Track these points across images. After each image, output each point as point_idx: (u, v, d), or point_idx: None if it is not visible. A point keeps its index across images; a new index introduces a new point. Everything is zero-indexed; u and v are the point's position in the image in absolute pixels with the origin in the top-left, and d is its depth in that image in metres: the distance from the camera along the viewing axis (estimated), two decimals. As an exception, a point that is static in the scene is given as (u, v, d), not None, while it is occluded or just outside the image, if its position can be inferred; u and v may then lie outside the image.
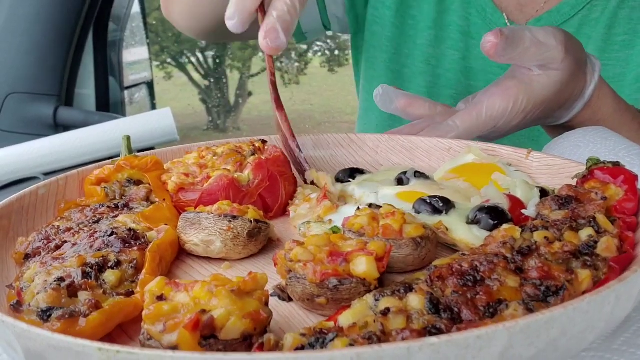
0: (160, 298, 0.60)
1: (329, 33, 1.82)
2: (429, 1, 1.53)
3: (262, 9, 0.99)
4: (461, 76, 1.53)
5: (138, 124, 1.51)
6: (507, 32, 1.04)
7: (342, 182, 1.02)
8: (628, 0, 1.39)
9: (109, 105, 2.43)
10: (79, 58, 2.19)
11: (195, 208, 0.90)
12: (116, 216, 0.88)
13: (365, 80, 1.73)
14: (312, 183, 1.02)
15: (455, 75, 1.53)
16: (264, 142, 1.07)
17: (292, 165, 1.04)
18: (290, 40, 1.02)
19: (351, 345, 0.53)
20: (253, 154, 1.02)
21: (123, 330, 0.67)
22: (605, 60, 1.39)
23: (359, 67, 1.76)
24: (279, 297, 0.72)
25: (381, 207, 0.82)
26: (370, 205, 0.84)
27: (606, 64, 1.38)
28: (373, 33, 1.62)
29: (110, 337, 0.65)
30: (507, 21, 1.45)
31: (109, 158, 1.05)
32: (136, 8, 3.01)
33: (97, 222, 0.87)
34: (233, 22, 0.97)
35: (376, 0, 1.58)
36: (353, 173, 1.04)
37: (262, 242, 0.85)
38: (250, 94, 6.99)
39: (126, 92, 2.68)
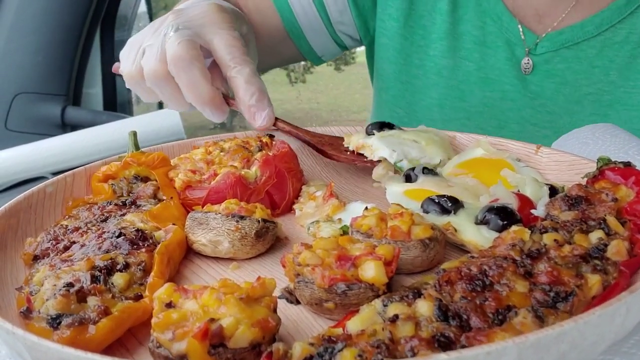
0: (169, 305, 0.60)
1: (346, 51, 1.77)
2: (442, 11, 1.46)
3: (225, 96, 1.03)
4: (475, 87, 1.47)
5: (145, 124, 1.51)
6: None
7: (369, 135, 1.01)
8: None
9: (116, 104, 2.43)
10: (86, 58, 2.19)
11: (203, 206, 0.90)
12: (124, 214, 0.88)
13: (376, 91, 1.69)
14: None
15: (469, 86, 1.47)
16: (271, 136, 1.06)
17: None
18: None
19: (360, 356, 0.53)
20: (260, 150, 1.01)
21: (132, 334, 0.68)
22: (629, 88, 1.34)
23: (373, 79, 1.72)
24: (287, 300, 0.73)
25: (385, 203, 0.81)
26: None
27: (629, 92, 1.34)
28: (381, 45, 1.58)
29: (119, 341, 0.66)
30: (521, 31, 1.39)
31: (116, 158, 1.05)
32: (143, 8, 2.99)
33: (105, 220, 0.87)
34: (213, 117, 1.02)
35: (382, 12, 1.53)
36: (382, 127, 1.03)
37: (269, 241, 0.85)
38: (257, 92, 6.98)
39: (133, 92, 2.66)
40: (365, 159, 0.97)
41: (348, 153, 1.01)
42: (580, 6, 1.36)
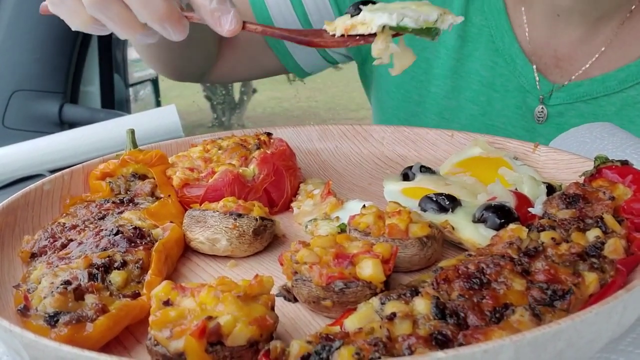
0: (167, 303, 0.60)
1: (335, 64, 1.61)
2: (447, 46, 1.32)
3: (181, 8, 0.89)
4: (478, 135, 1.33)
5: (143, 121, 1.51)
6: None
7: (353, 15, 0.88)
8: None
9: (114, 102, 2.41)
10: (83, 55, 2.18)
11: (201, 204, 0.89)
12: (121, 212, 0.88)
13: (376, 119, 1.55)
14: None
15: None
16: (269, 134, 1.07)
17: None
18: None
19: (357, 354, 0.53)
20: (258, 148, 1.01)
21: (130, 332, 0.68)
22: None
23: (370, 97, 1.57)
24: (285, 298, 0.73)
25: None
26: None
27: None
28: (380, 75, 1.43)
29: (117, 339, 0.66)
30: (536, 75, 1.26)
31: (114, 156, 1.04)
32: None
33: (103, 218, 0.87)
34: (173, 35, 0.87)
35: None
36: (365, 4, 0.89)
37: (267, 239, 0.85)
38: (254, 90, 6.87)
39: (131, 89, 2.65)
40: (358, 38, 0.87)
41: (336, 37, 0.88)
42: (605, 59, 1.23)
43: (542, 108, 1.25)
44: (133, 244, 0.78)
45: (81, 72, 2.19)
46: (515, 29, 1.28)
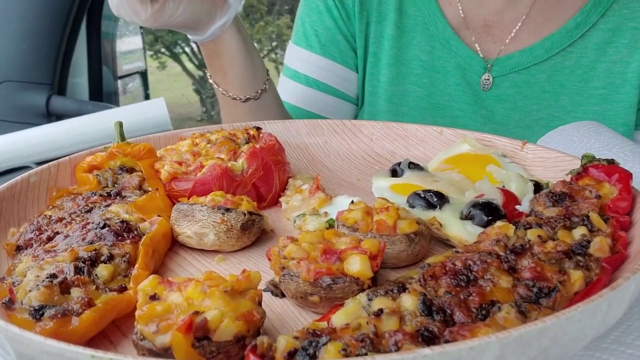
0: (153, 297, 0.60)
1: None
2: (388, 37, 1.46)
3: None
4: (426, 114, 1.45)
5: (131, 114, 1.50)
6: None
7: None
8: (609, 53, 1.31)
9: (102, 94, 2.40)
10: (72, 47, 2.16)
11: (189, 198, 0.89)
12: (109, 205, 0.87)
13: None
14: None
15: (420, 112, 1.47)
16: (258, 129, 1.06)
17: None
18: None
19: (344, 350, 0.53)
20: (247, 142, 1.01)
21: (116, 326, 0.67)
22: (581, 113, 1.32)
23: None
24: (272, 293, 0.72)
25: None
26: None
27: (581, 117, 1.29)
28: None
29: (103, 333, 0.65)
30: (477, 47, 1.39)
31: (101, 148, 1.03)
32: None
33: (89, 211, 0.86)
34: None
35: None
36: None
37: (255, 234, 0.85)
38: (244, 85, 6.94)
39: (119, 82, 2.64)
40: None
41: None
42: (530, 22, 1.35)
43: (488, 76, 1.38)
44: (120, 238, 0.77)
45: (69, 64, 2.17)
46: (447, 9, 1.42)
